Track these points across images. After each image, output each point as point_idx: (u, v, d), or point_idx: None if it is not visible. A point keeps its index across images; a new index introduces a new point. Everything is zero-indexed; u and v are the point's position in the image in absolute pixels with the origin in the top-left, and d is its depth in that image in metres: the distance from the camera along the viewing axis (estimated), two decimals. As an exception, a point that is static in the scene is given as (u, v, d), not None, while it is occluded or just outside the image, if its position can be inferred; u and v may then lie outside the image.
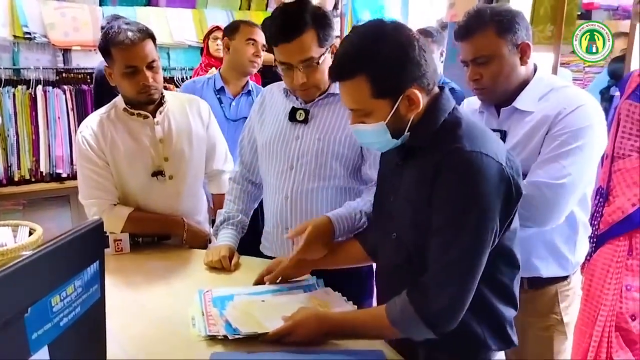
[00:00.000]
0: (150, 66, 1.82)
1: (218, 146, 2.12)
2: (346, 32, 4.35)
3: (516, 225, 1.26)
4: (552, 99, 1.55)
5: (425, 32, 2.93)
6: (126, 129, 1.92)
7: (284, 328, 1.28)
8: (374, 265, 1.57)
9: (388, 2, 4.36)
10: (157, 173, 1.94)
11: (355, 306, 1.44)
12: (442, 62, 2.96)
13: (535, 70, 1.61)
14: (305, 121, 1.72)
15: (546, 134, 1.52)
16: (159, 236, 1.98)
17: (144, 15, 4.56)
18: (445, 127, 1.20)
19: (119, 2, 4.73)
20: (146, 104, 1.90)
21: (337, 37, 4.62)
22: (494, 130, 1.61)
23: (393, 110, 1.18)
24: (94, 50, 4.44)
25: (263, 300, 1.48)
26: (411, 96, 1.17)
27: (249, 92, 2.69)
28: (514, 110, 1.59)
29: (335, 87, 1.71)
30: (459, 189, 1.13)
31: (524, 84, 1.58)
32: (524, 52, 1.54)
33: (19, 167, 4.31)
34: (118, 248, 1.88)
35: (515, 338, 1.30)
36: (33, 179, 4.38)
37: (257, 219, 2.00)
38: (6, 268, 0.74)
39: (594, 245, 2.36)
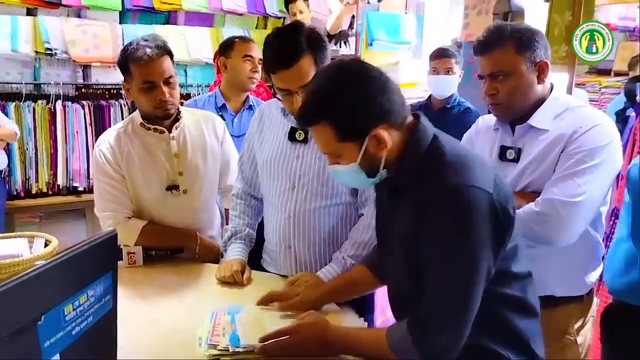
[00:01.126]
0: (167, 82, 1.85)
1: (232, 162, 2.13)
2: (361, 52, 4.40)
3: (516, 241, 1.22)
4: (567, 117, 1.56)
5: (449, 53, 2.95)
6: (142, 144, 1.95)
7: (288, 327, 1.27)
8: None
9: (403, 22, 4.39)
10: (172, 187, 1.96)
11: (366, 323, 1.43)
12: (458, 82, 2.97)
13: (551, 89, 1.62)
14: (305, 141, 1.73)
15: (561, 152, 1.52)
16: (172, 250, 2.00)
17: (162, 34, 4.54)
18: (429, 159, 1.19)
19: (138, 20, 4.82)
20: (163, 118, 1.93)
21: (352, 56, 4.70)
22: (509, 148, 1.62)
23: (362, 152, 1.18)
24: (113, 66, 4.52)
25: (272, 313, 1.47)
26: (378, 136, 1.17)
27: (250, 107, 2.70)
28: (529, 128, 1.59)
29: None
30: (448, 225, 1.12)
31: (540, 102, 1.59)
32: (541, 70, 1.55)
33: (36, 180, 4.37)
34: (131, 261, 1.89)
35: (541, 351, 1.28)
36: (50, 192, 4.43)
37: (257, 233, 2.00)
38: (21, 276, 0.76)
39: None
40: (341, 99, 1.15)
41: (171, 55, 1.89)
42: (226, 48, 2.68)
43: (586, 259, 1.63)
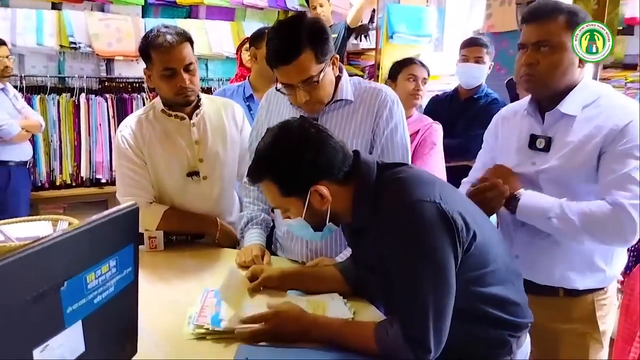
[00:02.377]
0: (188, 69, 1.87)
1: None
2: (381, 46, 4.38)
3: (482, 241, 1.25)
4: (602, 106, 1.51)
5: (480, 42, 2.91)
6: (163, 130, 1.97)
7: (263, 313, 1.29)
8: None
9: (424, 15, 4.36)
10: (192, 173, 1.98)
11: (352, 316, 1.40)
12: (487, 73, 2.93)
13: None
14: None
15: (604, 146, 1.47)
16: (193, 235, 2.01)
17: (184, 27, 4.65)
18: (379, 195, 1.26)
19: (160, 14, 4.88)
20: (183, 105, 1.94)
21: (372, 49, 4.68)
22: (538, 137, 1.60)
23: (306, 206, 1.29)
24: (136, 60, 4.59)
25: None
26: (318, 192, 1.27)
27: None
28: (560, 117, 1.56)
29: (342, 93, 1.72)
30: (404, 240, 1.18)
31: (570, 88, 1.55)
32: None
33: (60, 172, 4.46)
34: (152, 245, 1.91)
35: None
36: (74, 184, 4.52)
37: None
38: (45, 241, 0.77)
39: (634, 259, 2.28)
40: (280, 158, 1.26)
41: (191, 42, 1.90)
42: (257, 38, 2.66)
43: (609, 252, 1.59)
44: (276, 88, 1.74)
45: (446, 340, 1.17)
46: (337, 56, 1.72)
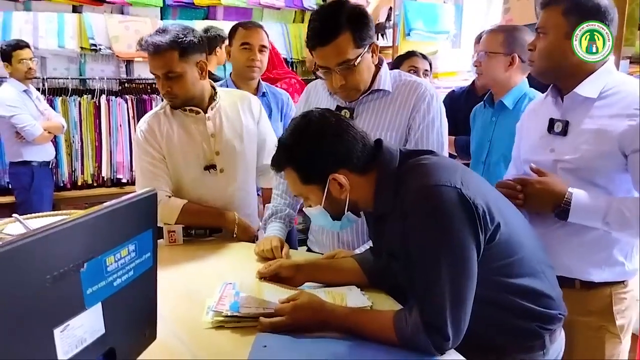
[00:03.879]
0: (168, 76, 1.89)
1: (268, 141, 2.15)
2: (398, 43, 4.36)
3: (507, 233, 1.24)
4: (623, 93, 1.49)
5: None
6: (180, 124, 1.99)
7: (282, 306, 1.29)
8: None
9: (441, 11, 4.33)
10: (210, 167, 2.00)
11: (371, 304, 1.40)
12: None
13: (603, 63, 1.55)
14: (350, 119, 1.73)
15: (625, 144, 1.45)
16: (211, 229, 2.02)
17: (211, 26, 4.72)
18: (400, 182, 1.27)
19: (179, 15, 4.92)
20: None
21: (389, 47, 4.66)
22: (557, 121, 1.58)
23: (325, 194, 1.31)
24: (155, 61, 4.63)
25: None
26: (337, 180, 1.28)
27: (263, 94, 2.68)
28: (580, 101, 1.54)
29: (379, 83, 1.72)
30: (426, 224, 1.18)
31: (591, 72, 1.53)
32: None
33: (82, 172, 4.52)
34: (172, 239, 1.93)
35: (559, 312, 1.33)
36: (95, 184, 4.58)
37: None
38: (64, 223, 0.78)
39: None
40: (300, 147, 1.30)
41: (188, 48, 1.87)
42: (230, 35, 2.66)
43: (629, 246, 1.57)
44: (314, 72, 1.75)
45: (469, 327, 1.16)
46: (378, 44, 1.71)
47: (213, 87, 2.06)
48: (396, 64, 2.65)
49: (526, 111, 1.82)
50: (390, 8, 4.82)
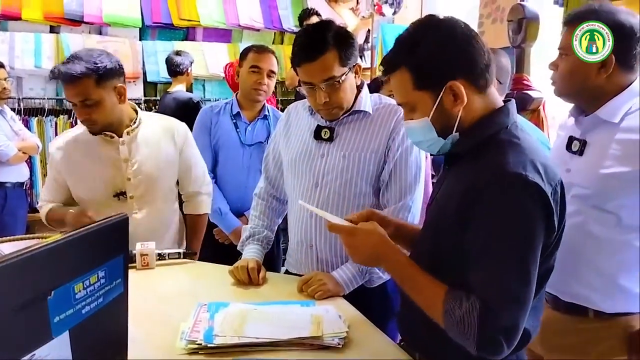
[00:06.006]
0: (85, 104, 1.86)
1: (194, 169, 2.18)
2: (376, 64, 4.43)
3: None
4: None
5: None
6: (93, 149, 1.99)
7: (342, 226, 1.25)
8: None
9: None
10: (119, 194, 2.01)
11: (347, 329, 1.36)
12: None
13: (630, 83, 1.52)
14: (330, 139, 1.74)
15: None
16: (184, 253, 2.00)
17: (182, 49, 4.73)
18: (495, 143, 1.14)
19: (158, 36, 4.93)
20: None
21: (368, 68, 4.73)
22: (575, 139, 1.56)
23: (436, 104, 1.15)
24: (134, 82, 4.63)
25: (256, 309, 1.47)
26: (454, 88, 1.13)
27: (265, 117, 2.67)
28: (600, 122, 1.51)
29: (360, 105, 1.74)
30: (500, 213, 1.07)
31: (612, 94, 1.50)
32: (608, 63, 1.47)
33: (57, 193, 4.45)
34: (144, 263, 1.90)
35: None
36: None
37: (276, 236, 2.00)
38: (33, 250, 0.77)
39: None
40: (421, 45, 1.14)
41: (95, 75, 1.83)
42: (242, 56, 2.68)
43: (634, 273, 1.50)
44: (296, 89, 1.77)
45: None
46: (361, 65, 1.75)
47: (136, 111, 2.06)
48: (376, 87, 2.67)
49: (560, 125, 1.78)
50: (369, 30, 4.91)
